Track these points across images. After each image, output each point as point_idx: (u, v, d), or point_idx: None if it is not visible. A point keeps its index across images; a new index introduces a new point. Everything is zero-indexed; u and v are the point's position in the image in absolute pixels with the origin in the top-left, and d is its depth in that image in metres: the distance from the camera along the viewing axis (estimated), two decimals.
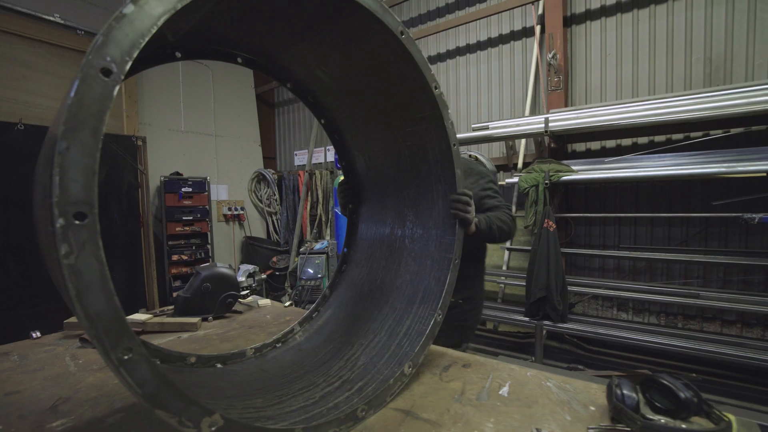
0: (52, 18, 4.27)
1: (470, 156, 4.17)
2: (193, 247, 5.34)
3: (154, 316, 1.75)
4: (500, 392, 1.10)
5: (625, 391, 0.94)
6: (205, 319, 1.78)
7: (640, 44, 3.52)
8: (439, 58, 4.91)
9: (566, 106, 3.76)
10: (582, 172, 3.33)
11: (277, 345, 1.44)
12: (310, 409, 0.99)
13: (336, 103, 1.53)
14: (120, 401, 1.07)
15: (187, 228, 5.26)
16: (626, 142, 3.63)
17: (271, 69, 1.45)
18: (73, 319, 1.63)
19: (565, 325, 3.17)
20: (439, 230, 1.37)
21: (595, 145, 3.81)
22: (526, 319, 3.30)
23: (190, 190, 5.29)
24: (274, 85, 7.01)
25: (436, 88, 1.19)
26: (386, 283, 1.47)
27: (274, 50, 1.34)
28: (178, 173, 5.35)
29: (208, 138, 6.16)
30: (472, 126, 3.99)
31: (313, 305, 1.62)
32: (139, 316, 1.67)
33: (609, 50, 3.69)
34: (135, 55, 0.58)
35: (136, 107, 4.96)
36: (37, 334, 1.58)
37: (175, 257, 5.16)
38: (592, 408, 1.01)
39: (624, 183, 3.57)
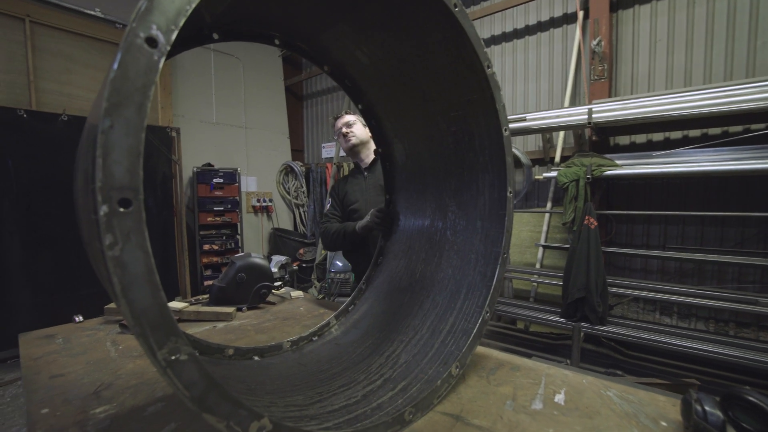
0: (93, 12, 4.41)
1: None
2: (224, 237, 5.45)
3: (190, 305, 1.75)
4: (555, 400, 1.01)
5: (707, 408, 0.83)
6: (239, 309, 1.77)
7: (696, 28, 3.25)
8: None
9: (610, 96, 3.54)
10: (627, 166, 3.12)
11: (314, 338, 1.40)
12: (353, 409, 0.94)
13: (375, 87, 1.46)
14: (160, 390, 1.06)
15: (217, 218, 5.37)
16: (676, 134, 3.39)
17: (308, 51, 1.40)
18: (113, 305, 1.65)
19: (604, 328, 3.00)
20: (485, 222, 1.29)
21: (640, 138, 3.58)
22: (562, 320, 3.15)
23: (221, 181, 5.39)
24: (303, 77, 7.02)
25: (488, 67, 1.10)
26: (426, 276, 1.40)
27: (313, 30, 1.28)
28: (209, 164, 5.45)
29: (238, 130, 6.25)
30: (507, 118, 3.82)
31: (349, 298, 1.58)
32: (176, 305, 1.68)
33: (659, 36, 3.44)
34: (181, 23, 0.53)
35: (170, 99, 5.07)
36: (79, 318, 1.61)
37: (206, 247, 5.28)
38: (664, 423, 0.90)
39: (672, 179, 3.34)
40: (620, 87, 3.67)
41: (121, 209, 0.46)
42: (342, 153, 6.48)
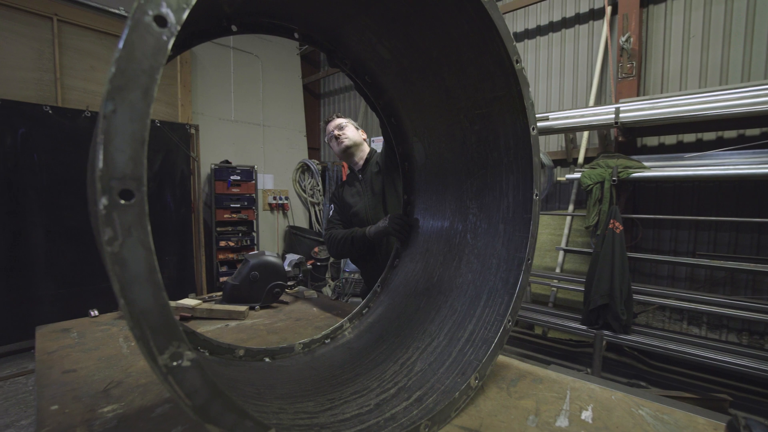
0: (117, 11, 4.50)
1: None
2: (240, 234, 5.49)
3: (203, 302, 1.74)
4: (582, 417, 0.94)
5: None
6: (252, 308, 1.75)
7: (735, 22, 3.07)
8: None
9: (638, 95, 3.39)
10: (656, 168, 2.98)
11: (326, 341, 1.36)
12: (366, 419, 0.89)
13: (396, 84, 1.41)
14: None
15: (234, 215, 5.42)
16: (709, 135, 3.22)
17: (327, 45, 1.36)
18: None
19: (628, 337, 2.87)
20: (508, 225, 1.22)
21: (670, 139, 3.42)
22: (583, 327, 3.03)
23: (239, 178, 5.43)
24: (320, 75, 7.02)
25: (517, 62, 1.03)
26: (444, 281, 1.34)
27: (333, 23, 1.24)
28: (227, 161, 5.51)
29: (256, 127, 6.29)
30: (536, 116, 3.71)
31: (363, 301, 1.53)
32: (189, 302, 1.66)
33: (693, 31, 3.27)
34: (193, 2, 0.49)
35: (190, 96, 5.14)
36: (95, 312, 1.61)
37: (222, 243, 5.33)
38: None
39: (704, 182, 3.17)
40: (649, 85, 3.51)
41: (123, 201, 0.42)
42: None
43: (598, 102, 3.72)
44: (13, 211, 3.59)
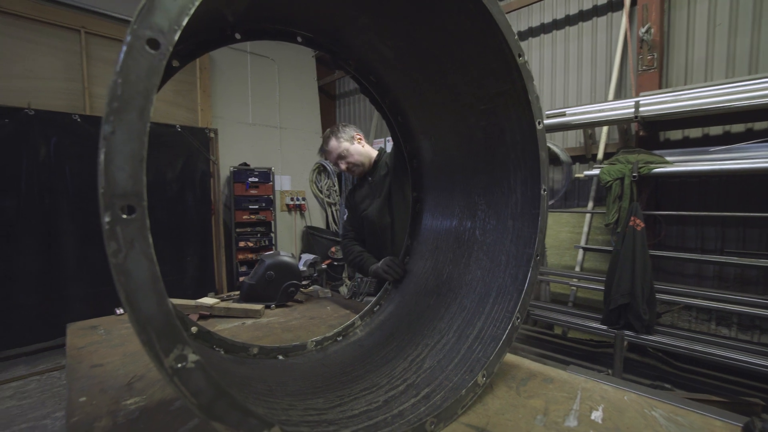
0: None
1: None
2: (258, 235, 5.61)
3: (222, 301, 1.79)
4: (592, 417, 0.93)
5: None
6: (267, 307, 1.79)
7: (765, 7, 2.93)
8: None
9: (660, 87, 3.27)
10: (679, 163, 2.87)
11: (338, 339, 1.39)
12: (374, 415, 0.90)
13: (400, 82, 1.42)
14: None
15: (252, 216, 5.54)
16: (738, 127, 3.08)
17: (331, 47, 1.38)
18: None
19: (651, 338, 2.78)
20: (516, 222, 1.21)
21: (695, 133, 3.29)
22: (604, 327, 2.96)
23: (257, 180, 5.55)
24: (335, 77, 7.09)
25: (519, 56, 1.03)
26: (454, 278, 1.35)
27: (335, 25, 1.26)
28: (245, 164, 5.64)
29: (273, 130, 6.41)
30: (545, 113, 3.65)
31: (375, 298, 1.55)
32: (208, 300, 1.72)
33: (720, 19, 3.13)
34: (184, 22, 0.51)
35: (209, 101, 5.29)
36: (120, 311, 1.69)
37: (241, 244, 5.46)
38: None
39: (732, 177, 3.04)
40: (672, 77, 3.39)
41: (124, 216, 0.45)
42: None
43: (618, 96, 3.62)
44: (47, 217, 3.80)
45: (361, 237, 1.99)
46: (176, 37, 0.49)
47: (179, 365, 0.48)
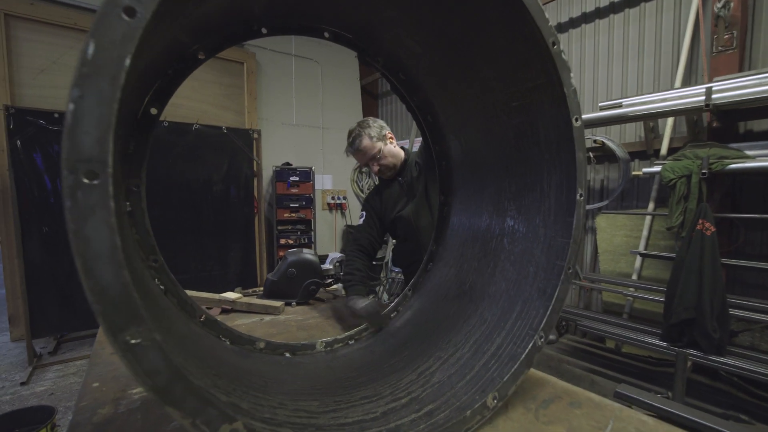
0: None
1: (595, 142, 3.50)
2: (298, 233, 5.76)
3: (245, 296, 1.82)
4: None
5: None
6: (288, 304, 1.79)
7: None
8: (560, 28, 4.24)
9: (741, 70, 2.83)
10: (763, 158, 2.47)
11: (350, 342, 1.34)
12: (367, 426, 0.83)
13: (429, 79, 1.35)
14: None
15: (293, 215, 5.70)
16: None
17: (359, 43, 1.35)
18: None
19: (721, 359, 2.42)
20: (548, 230, 1.08)
21: None
22: (663, 343, 2.63)
23: (297, 179, 5.71)
24: (377, 76, 7.08)
25: (554, 44, 0.91)
26: (477, 288, 1.24)
27: (362, 20, 1.22)
28: (288, 163, 5.81)
29: (316, 130, 6.55)
30: (599, 104, 3.32)
31: (393, 304, 1.48)
32: (230, 295, 1.75)
33: None
34: None
35: (255, 104, 5.52)
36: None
37: (282, 241, 5.65)
38: None
39: None
40: (757, 58, 2.92)
41: (86, 180, 0.43)
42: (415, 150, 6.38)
43: (686, 83, 3.20)
44: None
45: (374, 245, 1.88)
46: (154, 7, 0.47)
47: (133, 341, 0.45)
